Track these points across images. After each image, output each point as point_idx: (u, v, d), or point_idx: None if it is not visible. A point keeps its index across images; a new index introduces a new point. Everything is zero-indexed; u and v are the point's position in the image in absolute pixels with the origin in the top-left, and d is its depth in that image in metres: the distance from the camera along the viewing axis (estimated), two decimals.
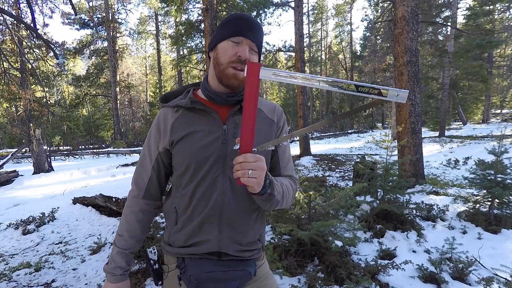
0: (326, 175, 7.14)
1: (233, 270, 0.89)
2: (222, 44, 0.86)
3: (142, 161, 0.98)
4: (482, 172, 3.58)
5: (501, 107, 30.37)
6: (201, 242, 0.89)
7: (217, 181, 0.87)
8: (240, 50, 0.83)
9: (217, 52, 0.87)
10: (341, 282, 2.31)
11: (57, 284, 2.61)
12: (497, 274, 2.43)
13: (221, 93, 0.91)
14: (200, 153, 0.87)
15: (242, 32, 0.84)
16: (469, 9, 14.34)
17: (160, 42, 27.58)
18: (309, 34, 32.78)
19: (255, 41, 0.86)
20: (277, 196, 0.84)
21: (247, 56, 0.83)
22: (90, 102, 26.55)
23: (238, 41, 0.84)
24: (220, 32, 0.87)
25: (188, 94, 0.94)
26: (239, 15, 0.87)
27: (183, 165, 0.88)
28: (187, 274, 0.87)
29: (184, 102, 0.90)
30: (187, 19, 11.48)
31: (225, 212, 0.88)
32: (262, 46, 0.90)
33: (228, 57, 0.84)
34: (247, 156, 0.71)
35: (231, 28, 0.85)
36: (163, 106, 0.97)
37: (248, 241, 0.93)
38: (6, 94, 11.40)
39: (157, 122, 0.93)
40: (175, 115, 0.91)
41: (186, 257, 0.90)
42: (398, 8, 5.50)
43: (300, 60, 10.45)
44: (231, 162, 0.86)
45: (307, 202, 2.79)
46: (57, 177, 8.97)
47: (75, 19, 19.41)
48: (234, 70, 0.84)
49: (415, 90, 5.52)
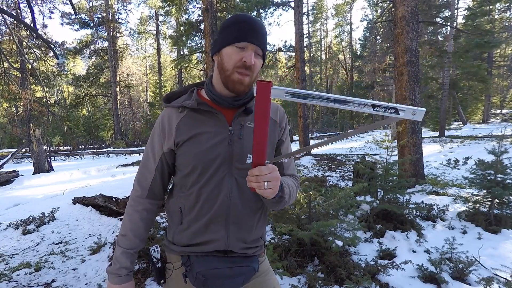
0: (326, 175, 7.14)
1: (239, 266, 0.91)
2: (227, 49, 0.85)
3: (145, 161, 0.98)
4: (482, 172, 3.58)
5: (501, 107, 30.36)
6: (208, 241, 0.90)
7: (223, 182, 0.88)
8: (245, 56, 0.82)
9: (222, 57, 0.86)
10: (341, 282, 2.31)
11: (57, 284, 2.61)
12: (497, 274, 2.43)
13: (227, 97, 0.90)
14: (206, 154, 0.87)
15: (247, 37, 0.83)
16: (468, 9, 14.34)
17: (160, 42, 27.59)
18: (309, 34, 32.78)
19: (260, 44, 0.85)
20: (286, 197, 0.88)
21: (252, 62, 0.82)
22: (90, 102, 26.56)
23: (243, 46, 0.83)
24: (223, 35, 0.86)
25: (193, 94, 0.94)
26: (241, 17, 0.86)
27: (189, 166, 0.88)
28: (193, 271, 0.88)
29: (190, 103, 0.90)
30: (187, 19, 11.49)
31: (232, 212, 0.90)
32: (266, 48, 0.90)
33: (233, 63, 0.83)
34: (262, 169, 0.74)
35: (235, 33, 0.83)
36: (166, 106, 0.96)
37: (252, 238, 0.96)
38: (6, 94, 11.42)
39: (161, 123, 0.93)
40: (180, 116, 0.91)
41: (191, 254, 0.92)
42: (398, 8, 5.50)
43: (300, 60, 10.45)
44: (237, 163, 0.89)
45: (307, 202, 2.79)
46: (57, 177, 8.97)
47: (75, 19, 19.40)
48: (240, 75, 0.84)
49: (415, 90, 5.52)
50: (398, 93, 5.72)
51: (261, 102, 0.70)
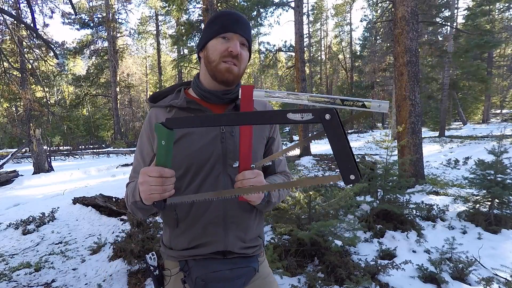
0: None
1: (239, 268, 0.89)
2: (212, 42, 0.85)
3: (135, 166, 0.95)
4: (482, 172, 3.58)
5: (501, 107, 30.34)
6: (206, 243, 0.88)
7: (218, 180, 0.87)
8: (231, 46, 0.82)
9: (207, 50, 0.86)
10: (341, 282, 2.31)
11: (57, 284, 2.61)
12: (497, 274, 2.43)
13: (216, 91, 0.90)
14: (200, 153, 0.86)
15: (232, 28, 0.83)
16: (468, 9, 14.34)
17: (160, 42, 27.57)
18: (309, 34, 32.76)
19: (245, 35, 0.85)
20: (274, 200, 0.88)
21: (238, 51, 0.83)
22: (90, 102, 26.52)
23: (228, 37, 0.83)
24: (208, 31, 0.86)
25: (180, 93, 0.93)
26: (224, 12, 0.86)
27: (182, 167, 0.86)
28: (192, 276, 0.86)
29: (179, 102, 0.89)
30: (187, 19, 11.49)
31: (229, 211, 0.88)
32: (252, 41, 0.90)
33: (219, 53, 0.83)
34: (245, 174, 0.75)
35: (219, 24, 0.84)
36: (153, 107, 0.94)
37: (250, 237, 0.94)
38: (6, 94, 11.41)
39: (149, 123, 0.91)
40: (168, 115, 0.89)
41: (189, 259, 0.89)
42: (398, 8, 5.50)
43: (300, 60, 10.45)
44: (230, 161, 0.87)
45: (307, 202, 2.79)
46: (57, 177, 8.97)
47: (75, 19, 19.39)
48: (227, 64, 0.83)
49: (415, 90, 5.52)
50: (398, 93, 5.72)
51: (245, 104, 0.72)
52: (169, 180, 0.70)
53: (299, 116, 0.54)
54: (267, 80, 34.83)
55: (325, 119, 0.53)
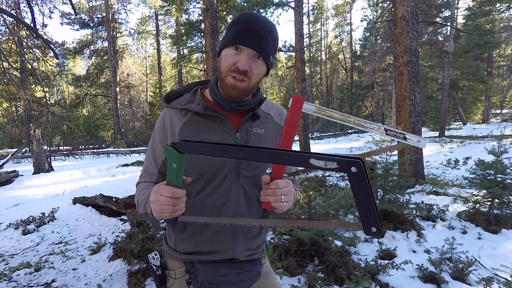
0: (326, 175, 7.14)
1: (245, 271, 0.90)
2: (224, 51, 0.80)
3: (146, 167, 0.93)
4: (482, 172, 3.58)
5: (501, 107, 30.35)
6: (214, 251, 0.88)
7: (231, 190, 0.86)
8: (240, 61, 0.76)
9: (220, 59, 0.82)
10: (341, 282, 2.31)
11: (57, 284, 2.61)
12: (497, 274, 2.43)
13: (231, 102, 0.85)
14: (214, 162, 0.83)
15: (243, 40, 0.76)
16: (468, 9, 14.34)
17: (160, 42, 27.58)
18: (309, 34, 32.76)
19: (257, 48, 0.77)
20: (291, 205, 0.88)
21: (246, 68, 0.76)
22: (90, 102, 26.50)
23: (239, 49, 0.78)
24: (225, 35, 0.82)
25: (196, 95, 0.89)
26: (244, 17, 0.79)
27: (195, 173, 0.84)
28: (198, 279, 0.85)
29: (196, 108, 0.84)
30: (187, 19, 11.49)
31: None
32: (270, 50, 0.80)
33: (227, 66, 0.79)
34: (279, 183, 0.74)
35: (233, 32, 0.78)
36: (167, 107, 0.90)
37: (257, 244, 0.95)
38: (6, 94, 11.40)
39: (163, 124, 0.88)
40: (183, 119, 0.86)
41: (195, 261, 0.89)
42: (398, 8, 5.51)
43: (300, 60, 10.44)
44: (244, 171, 0.86)
45: (307, 202, 2.79)
46: (57, 177, 8.96)
47: (75, 19, 19.38)
48: (233, 80, 0.78)
49: (415, 90, 5.52)
50: (398, 93, 5.72)
51: (292, 115, 0.72)
52: (181, 200, 0.71)
53: (323, 163, 0.52)
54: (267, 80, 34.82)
55: (350, 171, 0.51)
